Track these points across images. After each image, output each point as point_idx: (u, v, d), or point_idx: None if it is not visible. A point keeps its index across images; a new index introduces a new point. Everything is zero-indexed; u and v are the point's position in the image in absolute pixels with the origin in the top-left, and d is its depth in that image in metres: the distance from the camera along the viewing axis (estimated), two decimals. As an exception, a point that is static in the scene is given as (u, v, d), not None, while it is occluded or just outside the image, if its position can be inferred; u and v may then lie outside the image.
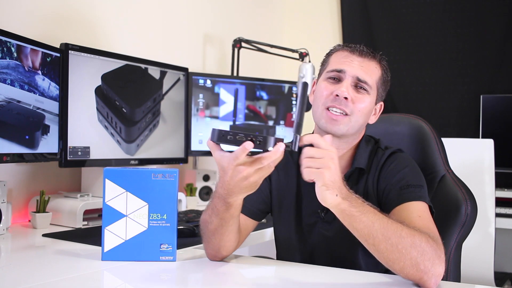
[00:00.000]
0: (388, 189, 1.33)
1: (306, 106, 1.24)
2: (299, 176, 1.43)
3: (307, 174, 1.13)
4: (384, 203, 1.34)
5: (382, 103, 1.44)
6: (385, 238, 1.12)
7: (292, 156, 1.46)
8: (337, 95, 1.33)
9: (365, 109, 1.36)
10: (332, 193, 1.12)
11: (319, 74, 1.44)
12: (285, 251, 1.49)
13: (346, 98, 1.32)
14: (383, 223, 1.13)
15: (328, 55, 1.44)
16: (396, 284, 1.19)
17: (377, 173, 1.38)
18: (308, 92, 1.46)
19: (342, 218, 1.15)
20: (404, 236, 1.12)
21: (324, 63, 1.44)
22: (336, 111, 1.33)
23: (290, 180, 1.46)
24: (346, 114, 1.33)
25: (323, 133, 1.36)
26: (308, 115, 3.11)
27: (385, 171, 1.37)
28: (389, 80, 1.44)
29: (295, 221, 1.44)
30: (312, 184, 1.37)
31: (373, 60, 1.38)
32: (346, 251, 1.37)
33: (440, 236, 1.21)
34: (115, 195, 1.30)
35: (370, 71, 1.36)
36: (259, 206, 1.44)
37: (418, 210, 1.26)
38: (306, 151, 1.13)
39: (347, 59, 1.37)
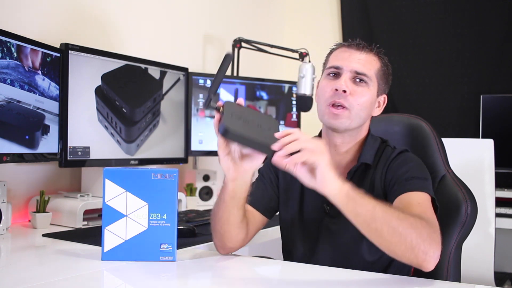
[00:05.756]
0: (394, 181, 1.36)
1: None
2: None
3: (308, 155, 1.12)
4: (389, 194, 1.37)
5: (385, 95, 1.47)
6: (386, 221, 1.14)
7: None
8: (336, 90, 1.36)
9: (365, 103, 1.38)
10: (335, 175, 1.14)
11: (322, 75, 1.49)
12: (289, 243, 1.51)
13: (344, 91, 1.35)
14: (382, 207, 1.16)
15: (328, 54, 1.48)
16: (396, 284, 1.19)
17: (386, 168, 1.40)
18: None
19: (346, 204, 1.15)
20: (402, 218, 1.15)
21: (325, 63, 1.48)
22: (337, 108, 1.37)
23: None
24: (346, 108, 1.36)
25: (328, 130, 1.42)
26: (308, 116, 3.09)
27: (392, 165, 1.40)
28: (390, 73, 1.47)
29: (299, 214, 1.47)
30: None
31: (370, 52, 1.42)
32: (351, 244, 1.39)
33: (440, 235, 1.22)
34: (115, 195, 1.30)
35: (368, 63, 1.40)
36: (269, 202, 1.48)
37: (418, 198, 1.29)
38: (295, 145, 1.13)
39: (344, 55, 1.41)
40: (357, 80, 1.38)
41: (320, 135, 1.51)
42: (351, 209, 1.16)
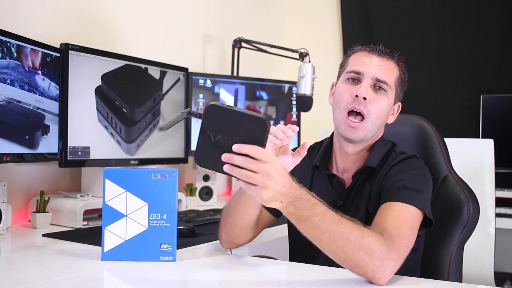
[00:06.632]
0: (387, 187, 1.34)
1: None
2: (313, 174, 1.50)
3: (247, 188, 1.07)
4: (381, 199, 1.34)
5: (400, 103, 1.48)
6: (332, 241, 1.12)
7: (310, 158, 1.50)
8: (356, 96, 1.36)
9: (382, 111, 1.39)
10: (275, 203, 1.09)
11: (338, 76, 1.47)
12: (295, 244, 1.51)
13: (365, 98, 1.35)
14: (330, 226, 1.12)
15: (347, 56, 1.47)
16: (397, 284, 1.19)
17: (385, 173, 1.39)
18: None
19: (289, 219, 1.15)
20: (351, 239, 1.12)
21: (343, 64, 1.47)
22: (354, 120, 1.37)
23: (306, 178, 1.49)
24: (363, 118, 1.36)
25: (341, 137, 1.42)
26: (311, 117, 3.08)
27: (392, 171, 1.38)
28: (407, 81, 1.47)
29: None
30: (323, 182, 1.46)
31: (391, 60, 1.42)
32: None
33: (401, 252, 1.18)
34: (115, 195, 1.30)
35: (388, 71, 1.40)
36: None
37: (398, 211, 1.24)
38: (244, 164, 1.03)
39: (365, 60, 1.40)
40: (377, 87, 1.38)
41: (331, 137, 1.51)
42: (295, 224, 1.15)
